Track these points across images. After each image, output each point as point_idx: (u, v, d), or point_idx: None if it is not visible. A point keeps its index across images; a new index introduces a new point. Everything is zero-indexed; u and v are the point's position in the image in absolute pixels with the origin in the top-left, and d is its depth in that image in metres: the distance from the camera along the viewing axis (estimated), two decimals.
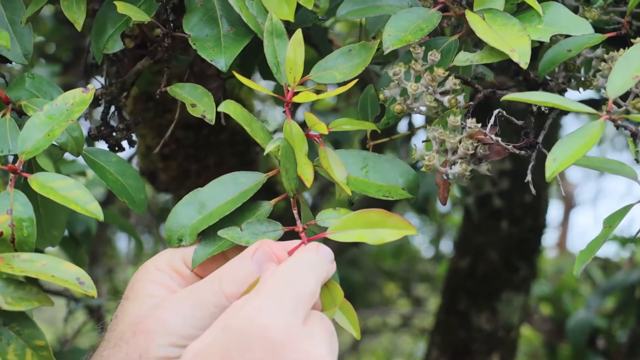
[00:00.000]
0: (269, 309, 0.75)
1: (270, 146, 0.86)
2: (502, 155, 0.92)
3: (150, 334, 0.77)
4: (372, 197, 0.92)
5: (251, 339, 0.73)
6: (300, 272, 0.79)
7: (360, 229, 0.85)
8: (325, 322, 0.79)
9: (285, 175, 0.88)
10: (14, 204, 0.85)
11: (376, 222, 0.85)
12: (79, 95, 0.88)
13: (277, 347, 0.73)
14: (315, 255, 0.82)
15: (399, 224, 0.85)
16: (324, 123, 0.91)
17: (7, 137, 0.91)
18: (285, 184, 0.88)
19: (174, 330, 0.77)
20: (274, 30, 0.94)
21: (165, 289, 0.83)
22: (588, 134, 0.80)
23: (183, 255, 0.86)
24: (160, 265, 0.85)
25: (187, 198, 0.90)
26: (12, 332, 0.84)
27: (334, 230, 0.86)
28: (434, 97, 0.93)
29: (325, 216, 0.89)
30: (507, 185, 2.30)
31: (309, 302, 0.77)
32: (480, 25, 0.92)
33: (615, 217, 0.92)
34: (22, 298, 0.82)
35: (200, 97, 0.97)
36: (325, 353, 0.75)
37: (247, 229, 0.87)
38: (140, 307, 0.81)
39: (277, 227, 0.88)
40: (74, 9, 0.94)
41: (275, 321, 0.74)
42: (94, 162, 0.99)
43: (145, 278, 0.84)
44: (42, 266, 0.82)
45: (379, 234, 0.85)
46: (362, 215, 0.85)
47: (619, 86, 0.84)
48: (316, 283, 0.79)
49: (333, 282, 0.84)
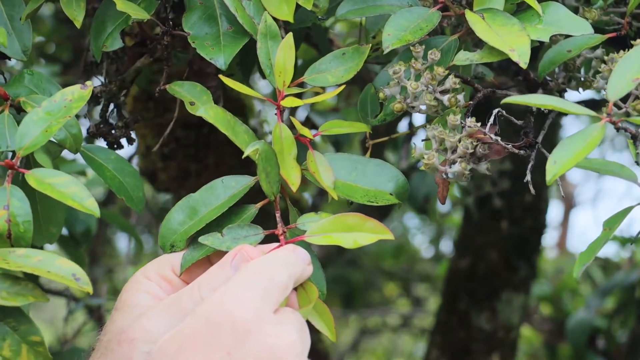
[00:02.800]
0: (237, 294, 0.76)
1: (248, 150, 0.86)
2: (501, 154, 0.92)
3: (133, 342, 0.78)
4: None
5: (220, 323, 0.74)
6: (273, 264, 0.80)
7: (337, 232, 0.86)
8: (296, 315, 0.79)
9: (265, 178, 0.88)
10: (11, 200, 0.85)
11: (353, 226, 0.86)
12: (77, 91, 0.88)
13: (246, 330, 0.74)
14: (290, 254, 0.84)
15: (376, 228, 0.85)
16: (323, 123, 0.91)
17: (6, 133, 0.91)
18: (265, 187, 0.89)
19: (155, 338, 0.78)
20: (268, 32, 0.94)
21: (153, 298, 0.84)
22: (588, 137, 0.80)
23: (172, 262, 0.87)
24: (149, 274, 0.86)
25: (180, 204, 0.90)
26: (7, 328, 0.84)
27: (312, 233, 0.87)
28: (434, 95, 0.93)
29: (305, 220, 0.90)
30: (508, 186, 2.30)
31: (280, 293, 0.78)
32: (480, 24, 0.92)
33: (615, 219, 0.92)
34: (18, 293, 0.82)
35: (199, 95, 0.97)
36: (296, 338, 0.76)
37: (228, 234, 0.88)
38: (126, 317, 0.81)
39: (258, 231, 0.89)
40: (73, 7, 0.94)
41: (244, 305, 0.75)
42: (92, 159, 0.99)
43: (133, 289, 0.85)
44: (37, 262, 0.82)
45: (354, 237, 0.85)
46: (339, 219, 0.86)
47: (619, 88, 0.83)
48: (288, 277, 0.80)
49: (309, 282, 0.85)
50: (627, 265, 2.88)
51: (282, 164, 0.90)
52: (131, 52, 1.12)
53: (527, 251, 2.36)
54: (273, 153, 0.88)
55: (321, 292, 0.90)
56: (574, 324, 2.85)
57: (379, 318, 3.95)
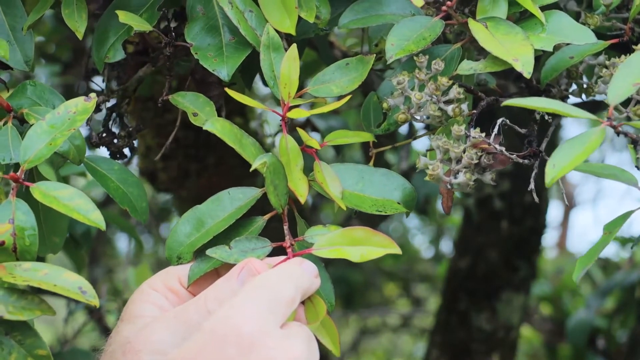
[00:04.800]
0: (244, 309, 0.75)
1: (256, 163, 0.86)
2: (506, 164, 0.92)
3: (138, 353, 0.78)
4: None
5: (226, 337, 0.73)
6: (279, 279, 0.80)
7: (344, 245, 0.86)
8: (304, 329, 0.79)
9: (273, 191, 0.88)
10: (16, 213, 0.85)
11: (360, 239, 0.85)
12: (81, 104, 0.88)
13: (252, 345, 0.73)
14: (297, 267, 0.83)
15: (383, 242, 0.85)
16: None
17: (9, 145, 0.91)
18: (273, 200, 0.89)
19: (160, 349, 0.78)
20: (270, 44, 0.94)
21: (159, 309, 0.84)
22: (588, 141, 0.80)
23: (179, 274, 0.87)
24: (156, 285, 0.86)
25: (186, 216, 0.90)
26: (13, 342, 0.84)
27: (320, 246, 0.87)
28: (438, 106, 0.93)
29: (313, 232, 0.90)
30: (508, 187, 2.30)
31: (287, 307, 0.78)
32: (483, 34, 0.92)
33: (616, 223, 0.92)
34: (24, 307, 0.82)
35: (202, 106, 0.97)
36: (302, 353, 0.76)
37: (236, 246, 0.87)
38: (131, 328, 0.81)
39: (266, 244, 0.88)
40: (75, 18, 0.94)
41: (251, 319, 0.75)
42: (96, 169, 0.99)
43: (139, 299, 0.85)
44: (44, 275, 0.82)
45: (361, 251, 0.85)
46: (347, 233, 0.86)
47: (620, 93, 0.83)
48: (295, 291, 0.80)
49: (317, 297, 0.85)
50: (627, 265, 2.88)
51: (289, 175, 0.90)
52: (133, 61, 1.12)
53: (527, 251, 2.36)
54: (281, 166, 0.88)
55: (330, 304, 0.90)
56: (574, 324, 2.85)
57: (379, 318, 3.95)
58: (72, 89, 2.38)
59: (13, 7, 0.99)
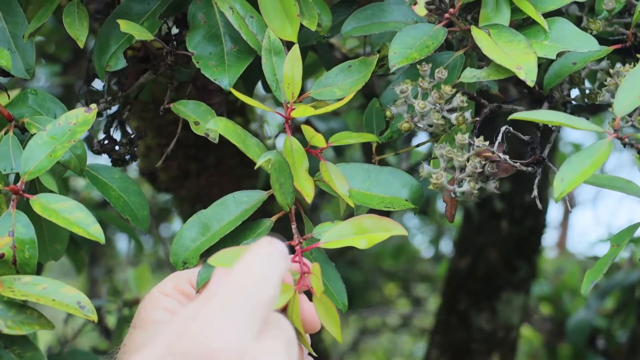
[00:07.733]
0: (216, 327, 0.64)
1: (260, 160, 0.84)
2: (509, 172, 0.92)
3: None
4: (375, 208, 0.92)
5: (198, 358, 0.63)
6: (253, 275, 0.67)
7: (352, 235, 0.85)
8: (283, 330, 0.69)
9: (279, 189, 0.87)
10: (16, 226, 0.84)
11: (368, 227, 0.84)
12: (82, 115, 0.88)
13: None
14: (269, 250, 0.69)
15: (389, 226, 0.84)
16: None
17: (10, 155, 0.91)
18: (279, 198, 0.87)
19: None
20: (272, 48, 0.93)
21: (171, 314, 0.82)
22: (596, 154, 0.80)
23: (189, 276, 0.86)
24: (167, 290, 0.85)
25: (191, 220, 0.90)
26: (13, 355, 0.84)
27: (328, 239, 0.85)
28: (442, 114, 0.92)
29: (321, 229, 0.89)
30: (508, 187, 2.29)
31: (265, 310, 0.66)
32: (486, 41, 0.91)
33: (623, 235, 0.92)
34: (23, 322, 0.82)
35: (203, 115, 0.97)
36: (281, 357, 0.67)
37: None
38: (144, 335, 0.80)
39: None
40: (76, 26, 0.94)
41: (224, 342, 0.64)
42: (97, 178, 0.99)
43: (150, 306, 0.83)
44: (42, 289, 0.82)
45: (367, 237, 0.84)
46: (355, 222, 0.85)
47: (626, 105, 0.83)
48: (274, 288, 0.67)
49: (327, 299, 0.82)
50: (627, 265, 2.87)
51: (295, 176, 0.89)
52: (134, 69, 1.12)
53: (527, 251, 2.36)
54: (286, 163, 0.87)
55: (342, 304, 0.89)
56: (574, 324, 2.85)
57: (379, 318, 3.95)
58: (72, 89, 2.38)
59: (14, 14, 0.99)
